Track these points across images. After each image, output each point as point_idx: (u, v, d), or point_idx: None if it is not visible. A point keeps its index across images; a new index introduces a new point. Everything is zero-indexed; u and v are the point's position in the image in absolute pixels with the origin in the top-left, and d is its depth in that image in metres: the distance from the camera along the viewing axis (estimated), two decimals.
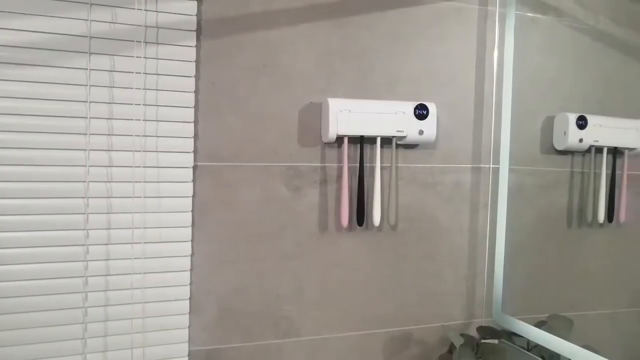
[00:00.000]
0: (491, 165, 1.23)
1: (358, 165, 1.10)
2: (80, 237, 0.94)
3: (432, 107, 1.11)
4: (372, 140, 1.11)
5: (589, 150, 1.10)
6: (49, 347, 0.94)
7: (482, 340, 1.14)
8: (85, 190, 0.94)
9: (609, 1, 1.09)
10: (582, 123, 1.09)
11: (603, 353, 0.96)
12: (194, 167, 1.01)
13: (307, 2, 1.07)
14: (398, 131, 1.09)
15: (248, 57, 1.04)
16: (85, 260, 0.95)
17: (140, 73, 0.96)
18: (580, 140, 1.09)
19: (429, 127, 1.11)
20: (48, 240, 0.93)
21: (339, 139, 1.08)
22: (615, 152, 1.07)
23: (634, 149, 1.04)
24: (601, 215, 1.07)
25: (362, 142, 1.10)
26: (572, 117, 1.09)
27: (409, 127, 1.10)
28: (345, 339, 1.13)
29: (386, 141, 1.12)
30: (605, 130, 1.09)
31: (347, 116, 1.06)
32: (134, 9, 0.94)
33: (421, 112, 1.10)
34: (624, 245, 1.06)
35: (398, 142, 1.13)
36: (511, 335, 1.17)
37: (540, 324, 1.11)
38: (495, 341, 1.17)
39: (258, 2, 1.04)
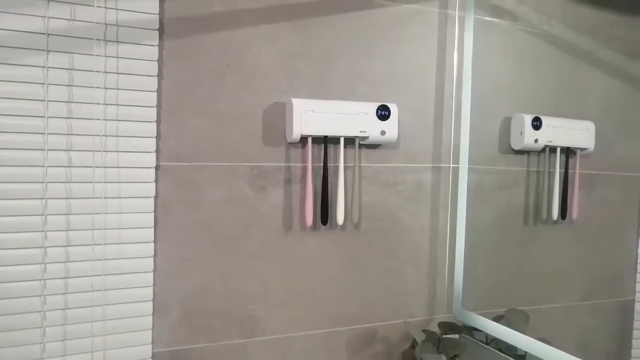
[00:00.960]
0: (451, 165, 1.26)
1: (322, 165, 1.12)
2: (37, 239, 0.92)
3: (393, 108, 1.13)
4: (335, 140, 1.12)
5: (543, 150, 1.14)
6: (6, 352, 0.91)
7: (444, 336, 1.16)
8: (43, 191, 0.92)
9: (561, 7, 1.13)
10: (537, 124, 1.13)
11: (556, 344, 0.99)
12: (157, 167, 1.00)
13: (270, 2, 1.07)
14: (361, 131, 1.11)
15: (211, 56, 1.03)
16: (44, 262, 0.92)
17: (100, 72, 0.94)
18: (536, 141, 1.13)
19: (390, 128, 1.13)
20: (3, 243, 0.90)
21: (303, 139, 1.09)
22: (568, 152, 1.11)
23: (585, 149, 1.09)
24: (555, 213, 1.11)
25: (325, 142, 1.11)
26: (528, 118, 1.12)
27: (372, 128, 1.11)
28: (310, 337, 1.14)
29: (349, 141, 1.14)
30: (559, 131, 1.13)
31: (311, 116, 1.07)
32: (94, 6, 0.93)
33: (383, 113, 1.12)
34: (576, 242, 1.10)
35: (361, 142, 1.15)
36: (471, 330, 1.20)
37: (498, 319, 1.14)
38: (456, 336, 1.20)
39: (221, 2, 1.03)
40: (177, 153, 1.02)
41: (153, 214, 0.99)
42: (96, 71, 0.94)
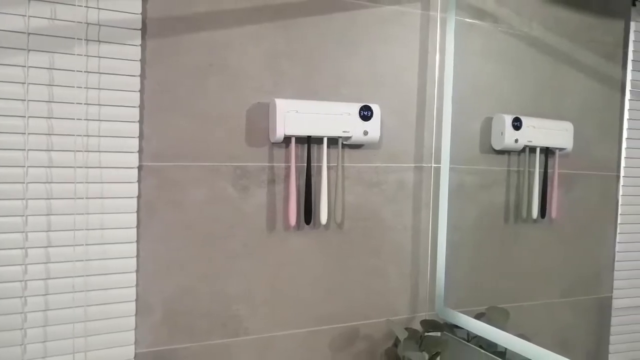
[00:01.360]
0: (433, 165, 1.27)
1: (305, 165, 1.12)
2: (18, 240, 0.91)
3: (376, 109, 1.14)
4: (318, 140, 1.13)
5: (523, 150, 1.15)
6: None
7: (426, 333, 1.17)
8: (24, 192, 0.91)
9: (541, 9, 1.15)
10: (517, 124, 1.14)
11: (536, 341, 1.01)
12: (139, 168, 1.00)
13: (255, 3, 1.07)
14: (344, 132, 1.11)
15: (195, 56, 1.03)
16: (24, 263, 0.92)
17: (82, 71, 0.93)
18: (516, 141, 1.14)
19: (373, 128, 1.14)
20: None
21: (287, 139, 1.09)
22: (548, 152, 1.12)
23: (564, 149, 1.10)
24: (535, 212, 1.13)
25: (309, 142, 1.12)
26: (508, 119, 1.14)
27: (354, 128, 1.12)
28: (294, 336, 1.15)
29: (332, 141, 1.14)
30: (538, 131, 1.14)
31: (294, 116, 1.07)
32: (75, 5, 0.92)
33: (366, 114, 1.13)
34: (555, 240, 1.12)
35: (344, 143, 1.15)
36: (453, 328, 1.22)
37: (479, 316, 1.16)
38: (438, 334, 1.21)
39: (205, 2, 1.03)
40: (160, 153, 1.01)
41: (136, 214, 0.99)
42: (77, 71, 0.93)
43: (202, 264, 1.06)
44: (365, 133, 1.13)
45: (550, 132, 1.13)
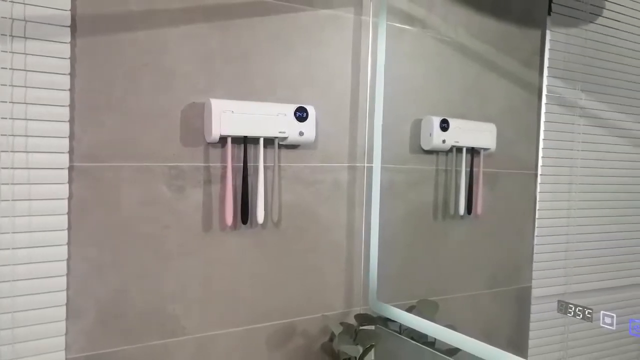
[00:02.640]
0: (365, 165, 1.30)
1: (242, 165, 1.13)
2: None
3: (311, 110, 1.16)
4: (255, 140, 1.14)
5: (451, 150, 1.20)
6: None
7: (360, 327, 1.20)
8: None
9: (466, 17, 1.20)
10: (444, 126, 1.19)
11: (463, 331, 1.05)
12: (70, 168, 0.97)
13: (188, 3, 1.06)
14: (280, 132, 1.12)
15: (128, 55, 1.01)
16: None
17: (6, 68, 0.90)
18: (444, 141, 1.19)
19: (308, 129, 1.16)
20: None
21: (222, 139, 1.09)
22: (473, 152, 1.18)
23: (488, 149, 1.16)
24: (461, 209, 1.18)
25: (245, 142, 1.12)
26: (436, 120, 1.18)
27: (290, 129, 1.14)
28: (232, 334, 1.15)
29: (269, 142, 1.15)
30: (464, 132, 1.19)
31: (230, 117, 1.07)
32: None
33: (301, 115, 1.14)
34: (481, 235, 1.18)
35: (280, 143, 1.17)
36: (386, 321, 1.25)
37: (410, 309, 1.19)
38: (372, 327, 1.24)
39: (137, 1, 1.01)
40: (92, 153, 0.99)
41: (67, 216, 0.96)
42: (2, 68, 0.89)
43: (137, 265, 1.05)
44: (301, 134, 1.15)
45: (475, 133, 1.18)
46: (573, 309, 0.88)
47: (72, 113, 0.96)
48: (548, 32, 1.00)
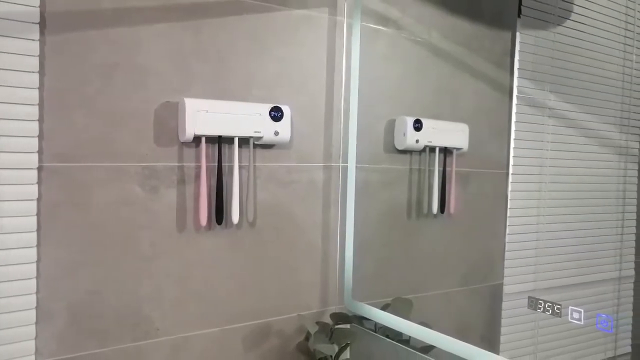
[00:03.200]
0: (340, 164, 1.31)
1: (216, 164, 1.12)
2: None
3: (286, 110, 1.16)
4: (229, 140, 1.13)
5: (424, 149, 1.21)
6: None
7: (335, 326, 1.20)
8: None
9: (439, 18, 1.22)
10: (418, 126, 1.20)
11: (437, 328, 1.06)
12: (39, 168, 0.95)
13: (163, 2, 1.05)
14: (255, 132, 1.12)
15: (100, 53, 1.00)
16: None
17: None
18: (417, 141, 1.20)
19: (283, 129, 1.16)
20: None
21: (197, 139, 1.08)
22: (446, 152, 1.19)
23: (460, 148, 1.18)
24: (435, 208, 1.19)
25: (220, 142, 1.12)
26: (410, 120, 1.20)
27: (265, 128, 1.13)
28: (207, 335, 1.14)
29: (244, 141, 1.15)
30: (437, 132, 1.21)
31: (204, 116, 1.06)
32: None
33: (276, 114, 1.14)
34: (454, 233, 1.19)
35: (255, 143, 1.16)
36: (361, 319, 1.26)
37: (385, 307, 1.20)
38: (347, 326, 1.25)
39: None
40: (62, 153, 0.97)
41: (36, 217, 0.94)
42: None
43: (110, 266, 1.03)
44: (276, 133, 1.15)
45: (448, 133, 1.20)
46: (543, 304, 0.90)
47: (41, 112, 0.94)
48: (518, 34, 1.02)
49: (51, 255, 0.97)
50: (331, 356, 1.13)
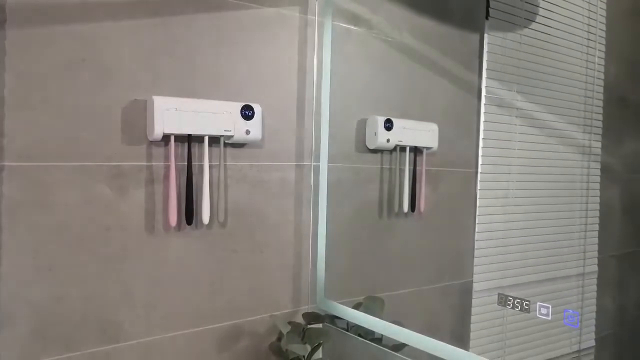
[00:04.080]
0: (312, 163, 1.30)
1: (186, 164, 1.10)
2: None
3: (257, 108, 1.15)
4: (199, 139, 1.11)
5: (395, 149, 1.23)
6: None
7: (308, 326, 1.20)
8: None
9: (409, 19, 1.23)
10: (389, 125, 1.21)
11: (408, 326, 1.07)
12: (0, 168, 0.91)
13: None
14: (225, 130, 1.11)
15: (65, 49, 0.97)
16: None
17: None
18: (388, 140, 1.21)
19: (255, 127, 1.15)
20: None
21: (166, 138, 1.06)
22: (416, 151, 1.21)
23: (430, 147, 1.20)
24: (405, 206, 1.21)
25: (189, 140, 1.10)
26: (381, 120, 1.21)
27: (236, 127, 1.12)
28: (177, 338, 1.12)
29: (214, 140, 1.14)
30: (408, 132, 1.23)
31: (173, 115, 1.04)
32: None
33: (247, 113, 1.13)
34: (424, 231, 1.21)
35: (226, 142, 1.15)
36: (333, 318, 1.26)
37: (357, 306, 1.21)
38: (320, 325, 1.25)
39: None
40: (25, 152, 0.94)
41: None
42: None
43: (76, 269, 1.00)
44: (247, 132, 1.13)
45: (418, 133, 1.22)
46: (512, 301, 0.92)
47: (2, 110, 0.91)
48: (486, 36, 1.04)
49: (12, 259, 0.93)
50: (304, 356, 1.13)
